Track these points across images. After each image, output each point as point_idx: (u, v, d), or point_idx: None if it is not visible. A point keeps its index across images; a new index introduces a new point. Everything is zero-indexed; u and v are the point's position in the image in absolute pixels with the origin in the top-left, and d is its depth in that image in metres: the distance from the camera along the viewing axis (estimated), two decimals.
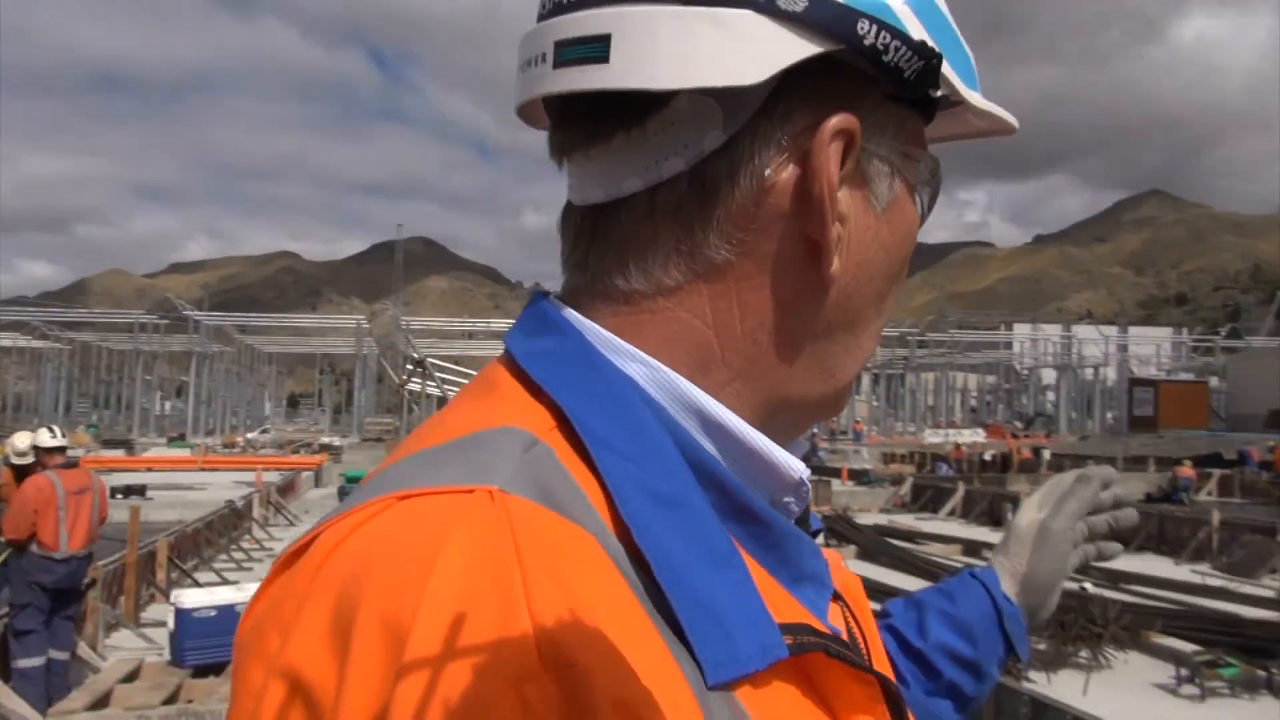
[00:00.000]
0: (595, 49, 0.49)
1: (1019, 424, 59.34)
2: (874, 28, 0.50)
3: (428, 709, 0.37)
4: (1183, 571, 12.26)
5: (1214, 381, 70.06)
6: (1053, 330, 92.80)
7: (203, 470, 30.36)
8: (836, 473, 25.69)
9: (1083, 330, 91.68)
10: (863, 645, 0.59)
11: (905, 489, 21.25)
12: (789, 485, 0.55)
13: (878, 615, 0.85)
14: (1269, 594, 10.52)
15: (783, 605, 0.49)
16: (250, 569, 12.69)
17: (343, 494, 4.64)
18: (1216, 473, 24.08)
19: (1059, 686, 7.06)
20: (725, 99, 0.50)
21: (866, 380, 78.21)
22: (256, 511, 16.54)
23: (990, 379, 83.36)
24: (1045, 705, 4.97)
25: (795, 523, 0.55)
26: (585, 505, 0.45)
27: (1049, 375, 79.94)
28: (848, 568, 0.68)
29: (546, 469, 0.46)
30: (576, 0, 0.51)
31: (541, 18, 0.53)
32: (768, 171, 0.51)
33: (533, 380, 0.51)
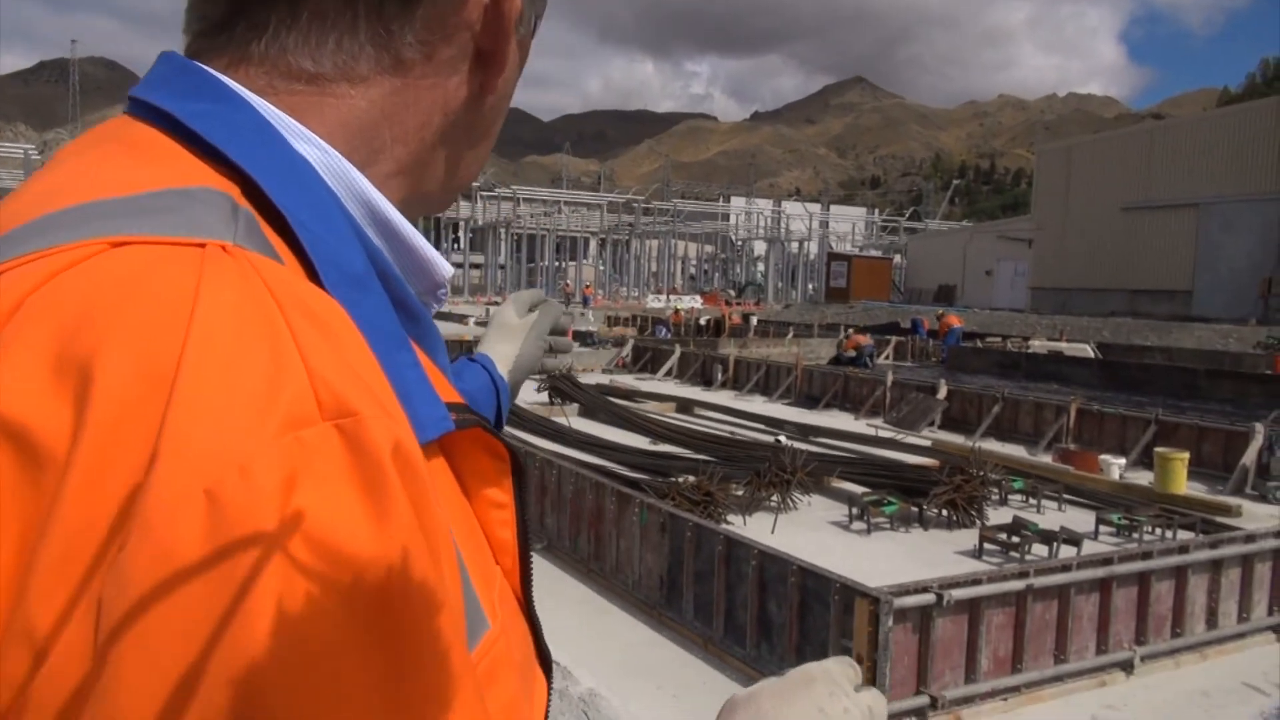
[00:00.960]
0: None
1: (732, 292, 63.16)
2: None
3: (205, 446, 0.34)
4: (861, 425, 13.88)
5: (897, 258, 78.03)
6: (765, 205, 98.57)
7: None
8: (562, 333, 26.25)
9: (791, 206, 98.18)
10: None
11: (627, 350, 22.13)
12: (436, 282, 0.59)
13: None
14: (926, 443, 12.21)
15: (441, 386, 0.51)
16: None
17: None
18: (893, 339, 27.13)
19: (752, 527, 7.86)
20: None
21: (594, 245, 79.57)
22: None
23: (708, 249, 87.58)
24: (736, 542, 5.51)
25: None
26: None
27: (760, 247, 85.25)
28: None
29: (258, 235, 0.43)
30: None
31: None
32: None
33: (206, 143, 0.47)
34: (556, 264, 72.76)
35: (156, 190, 0.43)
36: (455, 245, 77.72)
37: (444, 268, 0.58)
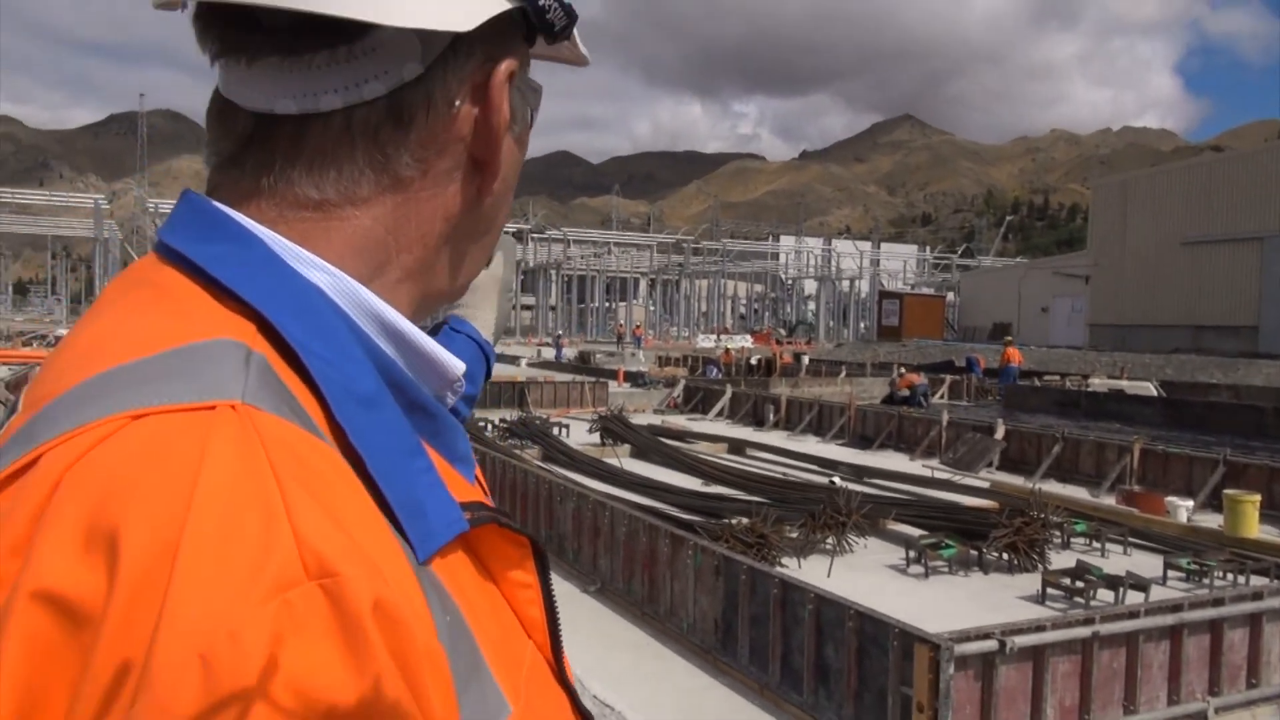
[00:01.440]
0: None
1: (783, 331, 62.93)
2: None
3: (200, 612, 0.38)
4: (915, 466, 13.68)
5: (950, 296, 77.19)
6: (815, 243, 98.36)
7: None
8: (613, 375, 26.38)
9: (841, 245, 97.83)
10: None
11: (678, 391, 22.14)
12: (449, 381, 0.63)
13: None
14: (984, 484, 11.98)
15: (455, 485, 0.56)
16: None
17: None
18: (948, 378, 26.76)
19: (807, 570, 7.77)
20: (425, 35, 0.56)
21: (644, 285, 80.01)
22: None
23: (758, 287, 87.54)
24: (792, 585, 5.45)
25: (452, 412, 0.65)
26: (305, 413, 0.48)
27: (810, 285, 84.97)
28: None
29: (270, 379, 0.48)
30: None
31: None
32: (456, 103, 0.59)
33: (222, 287, 0.52)
34: (607, 304, 73.25)
35: (176, 348, 0.48)
36: None
37: (454, 366, 0.62)
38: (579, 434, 15.34)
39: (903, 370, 26.63)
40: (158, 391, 0.45)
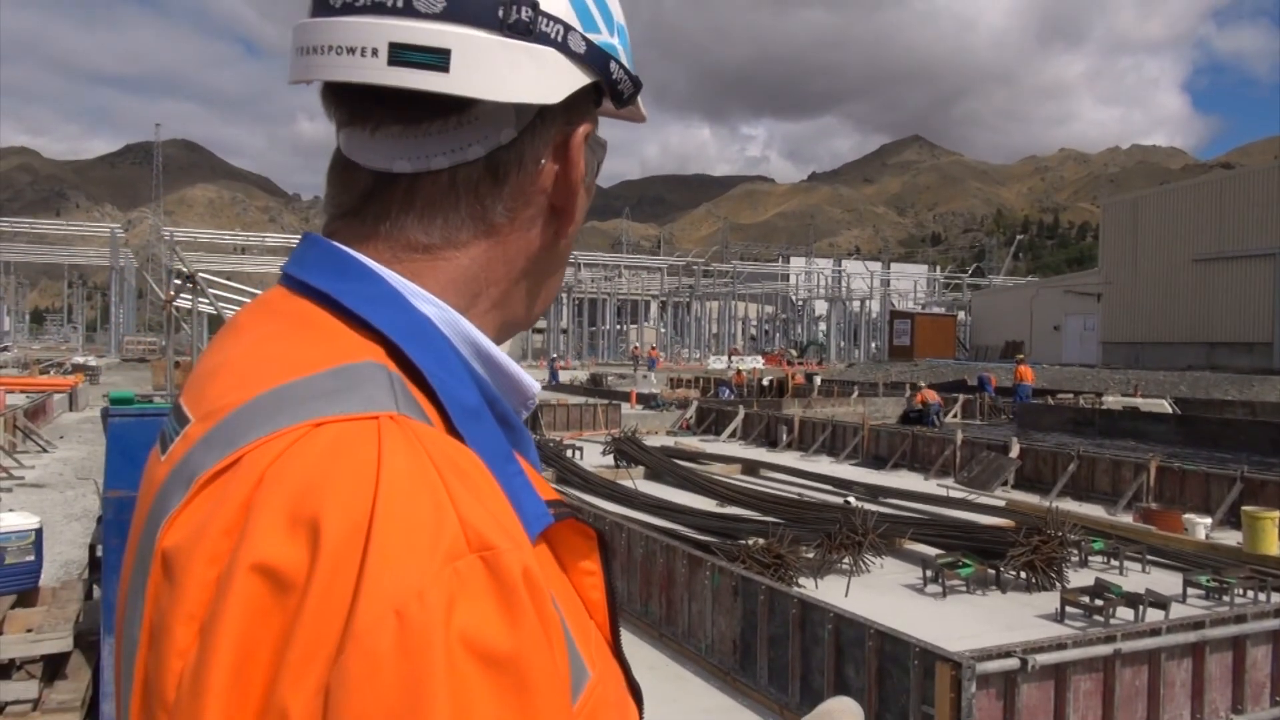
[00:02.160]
0: (437, 58, 0.62)
1: (794, 351, 62.86)
2: (617, 67, 0.71)
3: (394, 577, 0.47)
4: (930, 485, 13.64)
5: (961, 315, 76.99)
6: (825, 264, 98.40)
7: None
8: (626, 397, 26.39)
9: (851, 265, 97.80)
10: None
11: (690, 412, 22.14)
12: (526, 397, 0.72)
13: None
14: (1000, 503, 11.94)
15: (541, 487, 0.65)
16: None
17: (106, 416, 4.39)
18: (961, 397, 26.68)
19: (824, 590, 7.76)
20: (519, 106, 0.66)
21: (655, 308, 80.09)
22: (1, 437, 15.00)
23: (769, 309, 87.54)
24: (811, 605, 5.45)
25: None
26: (433, 423, 0.58)
27: (821, 306, 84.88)
28: None
29: (407, 394, 0.58)
30: (404, 8, 0.62)
31: (353, 10, 0.63)
32: (541, 161, 0.69)
33: (356, 317, 0.62)
34: (618, 327, 73.33)
35: (334, 368, 0.57)
36: None
37: (532, 386, 0.72)
38: (592, 456, 15.35)
39: (922, 384, 26.53)
40: (330, 404, 0.55)
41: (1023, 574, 8.19)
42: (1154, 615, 6.64)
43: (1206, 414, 23.28)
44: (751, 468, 15.26)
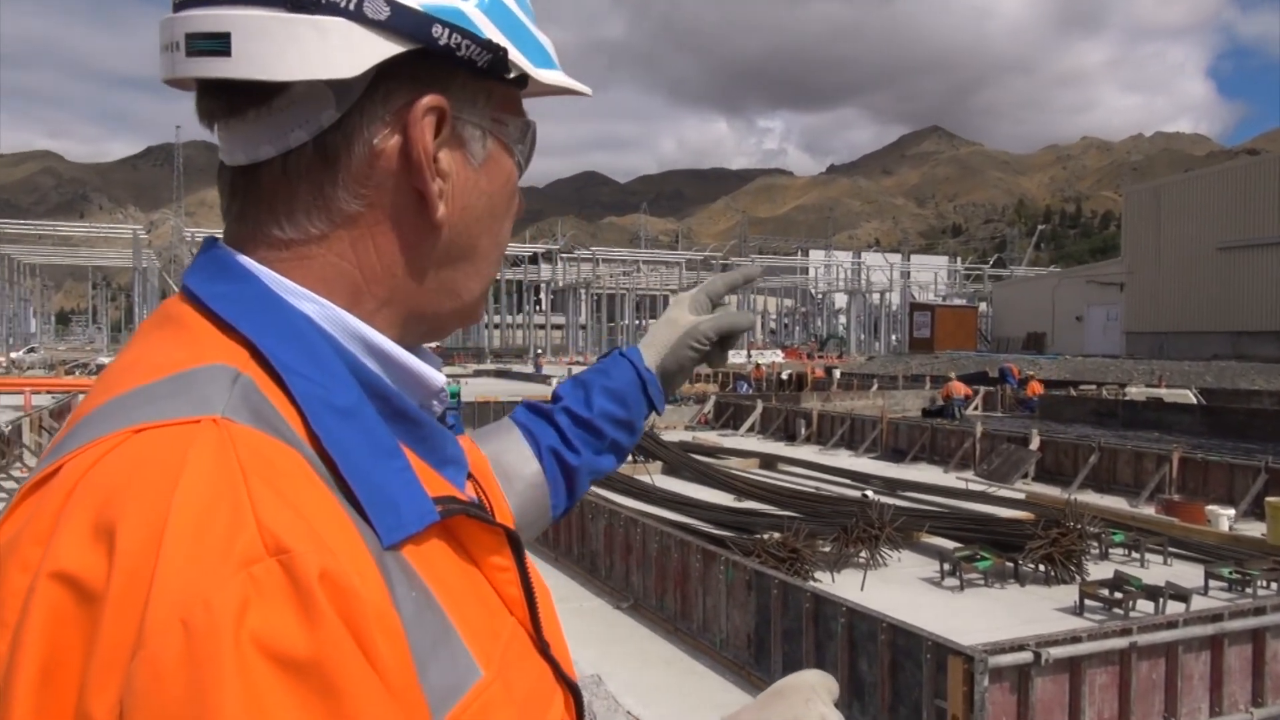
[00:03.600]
0: (218, 43, 0.60)
1: (812, 344, 62.63)
2: (446, 31, 0.64)
3: (181, 585, 0.47)
4: (950, 478, 13.56)
5: (982, 306, 76.47)
6: (844, 257, 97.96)
7: None
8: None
9: (871, 258, 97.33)
10: (490, 506, 0.77)
11: (709, 407, 22.12)
12: (432, 391, 0.70)
13: (552, 399, 1.12)
14: (1019, 496, 11.86)
15: (433, 483, 0.64)
16: None
17: None
18: (982, 389, 26.49)
19: (840, 584, 7.74)
20: (336, 84, 0.62)
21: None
22: (28, 437, 15.20)
23: (788, 302, 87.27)
24: (824, 599, 5.44)
25: (439, 420, 0.72)
26: (284, 423, 0.57)
27: (841, 299, 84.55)
28: (480, 450, 0.94)
29: (252, 396, 0.57)
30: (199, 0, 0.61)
31: (176, 8, 0.63)
32: (375, 140, 0.64)
33: (223, 320, 0.61)
34: (637, 322, 73.38)
35: (179, 373, 0.57)
36: (537, 307, 79.08)
37: (434, 379, 0.70)
38: None
39: (952, 376, 26.30)
40: (158, 409, 0.54)
41: (1041, 567, 8.13)
42: (1175, 608, 6.58)
43: (1232, 404, 23.03)
44: (769, 462, 15.23)
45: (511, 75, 0.69)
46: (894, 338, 75.00)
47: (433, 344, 0.79)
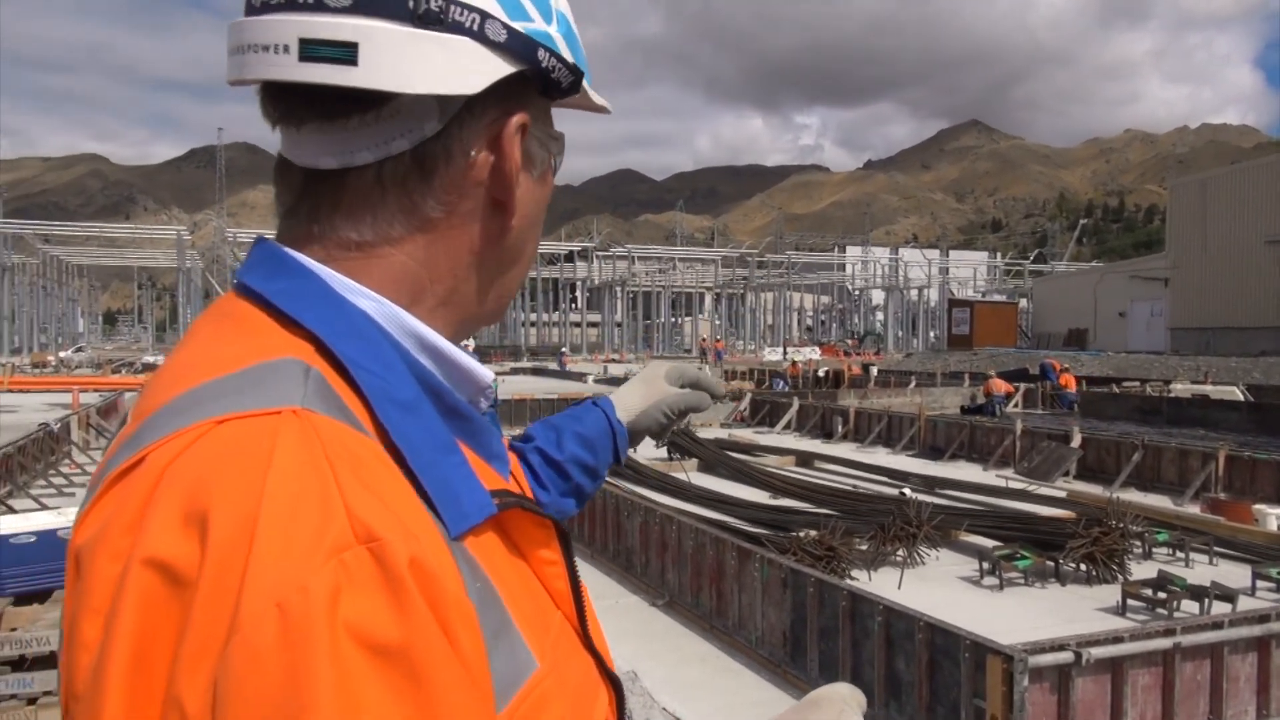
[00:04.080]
0: (345, 52, 0.62)
1: (851, 341, 62.17)
2: (547, 55, 0.69)
3: (276, 571, 0.48)
4: (989, 476, 13.40)
5: (1023, 303, 75.39)
6: (881, 253, 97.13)
7: (10, 391, 28.12)
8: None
9: (909, 254, 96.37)
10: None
11: (745, 404, 22.05)
12: (480, 388, 0.72)
13: (522, 439, 1.16)
14: (1060, 494, 11.69)
15: (487, 476, 0.66)
16: (72, 494, 11.98)
17: None
18: (1022, 386, 26.14)
19: (877, 582, 7.69)
20: (442, 98, 0.65)
21: (709, 300, 79.91)
22: (76, 434, 15.55)
23: (825, 299, 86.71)
24: (860, 597, 5.40)
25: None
26: (353, 415, 0.58)
27: (878, 296, 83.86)
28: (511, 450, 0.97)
29: (324, 389, 0.58)
30: (315, 4, 0.62)
31: (269, 8, 0.64)
32: (471, 152, 0.68)
33: (286, 315, 0.63)
34: (673, 320, 73.33)
35: (251, 366, 0.59)
36: (573, 304, 79.29)
37: (484, 375, 0.72)
38: (646, 449, 15.36)
39: (992, 372, 25.96)
40: (236, 402, 0.56)
41: (1083, 566, 8.02)
42: (1220, 609, 6.45)
43: None
44: (806, 460, 15.16)
45: (575, 95, 0.74)
46: (932, 334, 74.23)
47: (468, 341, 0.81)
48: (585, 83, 0.74)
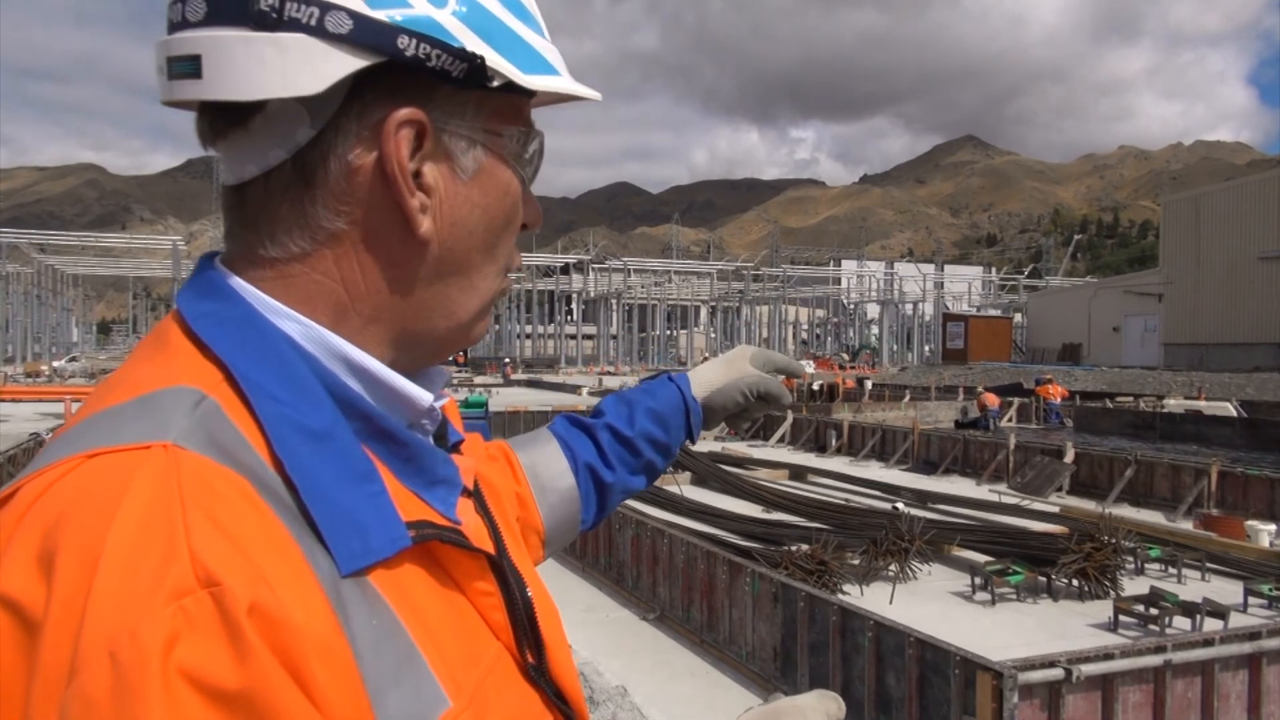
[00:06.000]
0: (190, 66, 0.61)
1: (845, 355, 62.24)
2: (414, 42, 0.61)
3: (111, 616, 0.47)
4: (982, 491, 13.39)
5: (1017, 317, 75.54)
6: (877, 267, 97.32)
7: (2, 401, 27.99)
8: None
9: (904, 268, 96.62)
10: (496, 523, 0.74)
11: None
12: (421, 411, 0.68)
13: (593, 413, 1.12)
14: (1053, 509, 11.68)
15: (412, 506, 0.62)
16: None
17: None
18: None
19: (869, 597, 7.66)
20: (310, 101, 0.61)
21: (705, 313, 79.95)
22: None
23: (820, 313, 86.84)
24: (851, 612, 5.38)
25: (435, 438, 0.71)
26: (247, 448, 0.56)
27: (873, 310, 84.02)
28: (486, 465, 0.91)
29: (212, 421, 0.56)
30: (179, 22, 0.61)
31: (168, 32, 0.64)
32: (350, 156, 0.63)
33: (201, 340, 0.61)
34: (668, 332, 73.38)
35: (147, 394, 0.57)
36: (569, 317, 79.30)
37: (422, 399, 0.68)
38: None
39: (980, 389, 26.00)
40: (115, 433, 0.54)
41: (1075, 582, 8.00)
42: (1212, 625, 6.44)
43: (1274, 417, 22.53)
44: (799, 473, 15.14)
45: (495, 84, 0.66)
46: (927, 348, 74.32)
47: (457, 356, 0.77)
48: (516, 69, 0.66)
